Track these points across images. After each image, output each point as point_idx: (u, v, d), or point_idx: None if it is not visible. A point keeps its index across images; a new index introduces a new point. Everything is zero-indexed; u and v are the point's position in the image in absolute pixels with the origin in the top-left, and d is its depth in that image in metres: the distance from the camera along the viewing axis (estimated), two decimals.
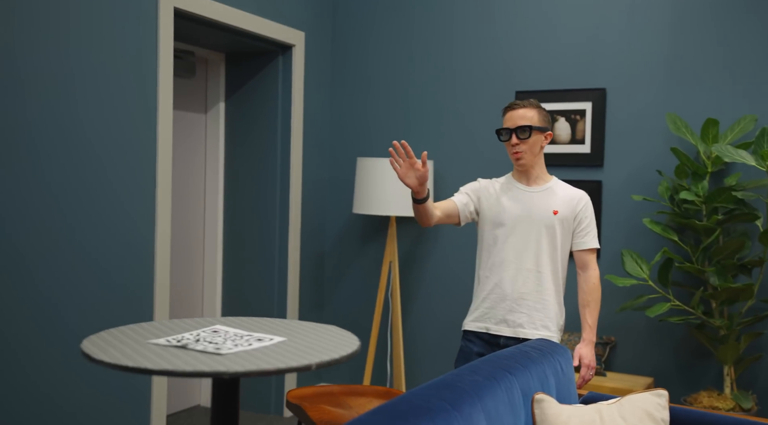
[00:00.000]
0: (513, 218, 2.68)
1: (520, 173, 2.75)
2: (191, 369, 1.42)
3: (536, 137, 2.67)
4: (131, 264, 3.34)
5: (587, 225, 2.72)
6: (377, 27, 4.51)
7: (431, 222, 2.60)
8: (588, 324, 2.72)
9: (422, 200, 2.50)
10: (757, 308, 3.56)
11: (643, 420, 2.01)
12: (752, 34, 3.58)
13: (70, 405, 3.10)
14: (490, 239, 2.73)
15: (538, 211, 2.68)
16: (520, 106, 2.68)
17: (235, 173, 4.48)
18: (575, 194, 2.73)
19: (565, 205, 2.69)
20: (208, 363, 1.46)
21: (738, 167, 3.61)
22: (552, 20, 4.02)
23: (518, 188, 2.73)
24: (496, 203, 2.72)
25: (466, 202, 2.74)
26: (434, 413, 1.57)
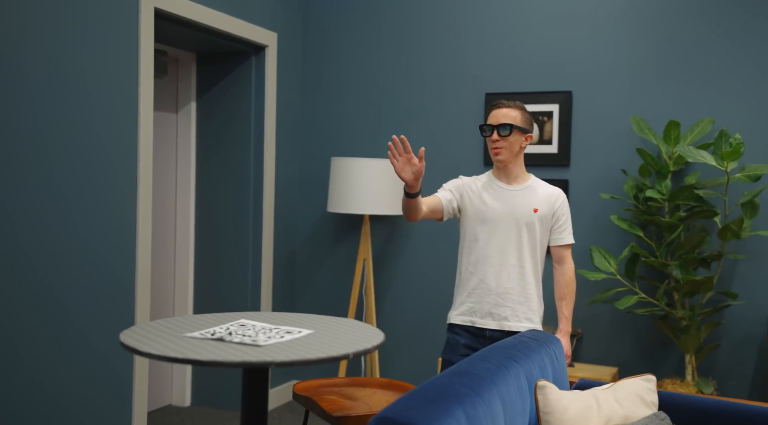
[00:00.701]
0: (496, 215, 2.79)
1: (500, 171, 2.85)
2: (240, 359, 1.48)
3: (516, 137, 2.78)
4: (112, 263, 3.34)
5: (564, 222, 2.86)
6: (349, 29, 4.59)
7: (418, 217, 2.68)
8: (564, 315, 2.86)
9: (415, 194, 2.58)
10: (715, 300, 3.79)
11: (636, 404, 2.15)
12: (709, 41, 3.80)
13: (52, 402, 3.08)
14: (472, 235, 2.83)
15: (520, 209, 2.80)
16: (505, 105, 2.80)
17: (207, 172, 4.49)
18: (553, 192, 2.86)
19: (544, 203, 2.83)
20: (252, 354, 1.52)
21: (697, 166, 3.82)
22: (520, 26, 4.17)
23: (500, 187, 2.84)
24: (479, 201, 2.82)
25: (450, 198, 2.83)
26: (461, 397, 1.67)
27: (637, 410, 2.13)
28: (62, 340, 3.11)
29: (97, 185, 3.24)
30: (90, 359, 3.26)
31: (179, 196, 4.52)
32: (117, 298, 3.37)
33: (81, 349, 3.21)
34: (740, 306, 3.75)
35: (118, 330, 3.39)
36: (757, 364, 3.73)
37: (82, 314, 3.19)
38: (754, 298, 3.72)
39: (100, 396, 3.30)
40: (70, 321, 3.13)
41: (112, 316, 3.35)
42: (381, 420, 1.48)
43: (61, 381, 3.11)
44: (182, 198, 4.52)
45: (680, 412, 2.24)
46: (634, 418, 2.12)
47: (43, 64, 2.97)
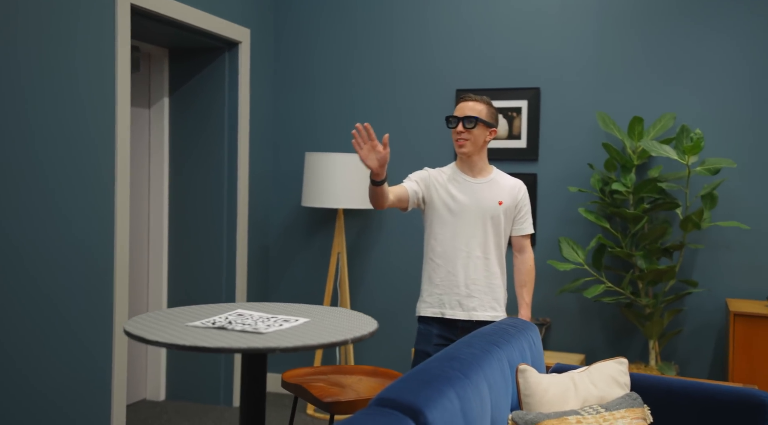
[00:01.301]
0: (461, 208, 2.86)
1: (464, 163, 2.91)
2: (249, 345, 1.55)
3: (481, 130, 2.85)
4: (91, 258, 3.36)
5: (525, 213, 2.96)
6: (321, 25, 4.65)
7: (384, 204, 2.70)
8: (525, 301, 2.97)
9: (381, 182, 2.60)
10: (677, 288, 3.96)
11: (610, 385, 2.28)
12: (671, 40, 3.96)
13: (30, 398, 3.10)
14: (439, 227, 2.88)
15: (485, 202, 2.87)
16: (472, 99, 2.87)
17: (180, 168, 4.52)
18: (515, 184, 2.95)
19: (508, 195, 2.91)
20: (256, 340, 1.60)
21: (660, 160, 3.99)
22: (488, 24, 4.29)
23: (465, 180, 2.90)
24: (445, 193, 2.88)
25: (416, 189, 2.87)
26: (452, 380, 1.77)
27: (611, 391, 2.26)
28: (41, 335, 3.13)
29: (75, 179, 3.26)
30: (68, 354, 3.28)
31: (152, 191, 4.54)
32: (95, 293, 3.39)
33: (59, 344, 3.23)
34: (700, 294, 3.93)
35: (96, 325, 3.41)
36: (715, 348, 3.91)
37: (61, 309, 3.21)
38: (713, 286, 3.90)
39: (80, 391, 3.33)
40: (49, 317, 3.15)
41: (90, 311, 3.37)
42: (382, 401, 1.57)
43: (40, 376, 3.13)
44: (155, 193, 4.53)
45: (650, 392, 2.38)
46: (609, 398, 2.24)
47: (19, 61, 2.97)
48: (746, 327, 3.48)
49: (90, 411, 3.39)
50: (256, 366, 1.77)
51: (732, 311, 3.49)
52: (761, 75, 3.83)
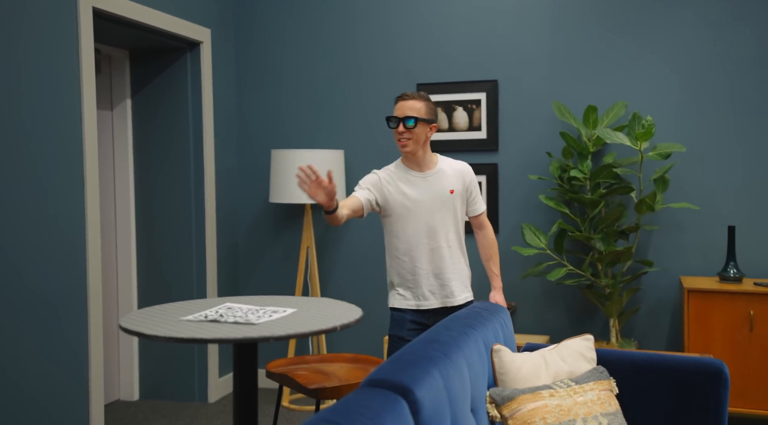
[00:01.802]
0: (416, 203, 2.93)
1: (409, 160, 2.98)
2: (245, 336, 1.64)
3: (421, 128, 2.92)
4: (63, 261, 3.39)
5: (476, 194, 3.07)
6: (281, 23, 4.71)
7: (341, 223, 2.78)
8: (495, 273, 3.11)
9: (333, 210, 2.67)
10: (634, 268, 4.15)
11: (578, 360, 2.42)
12: (621, 32, 4.13)
13: (11, 397, 3.13)
14: (397, 225, 2.96)
15: (437, 193, 2.96)
16: (409, 97, 2.93)
17: (146, 168, 4.54)
18: (461, 168, 3.04)
19: (456, 181, 3.00)
20: (250, 331, 1.68)
21: (614, 147, 4.16)
22: (448, 19, 4.41)
23: (413, 176, 2.97)
24: (397, 192, 2.94)
25: (368, 197, 2.92)
26: (435, 360, 1.88)
27: (579, 365, 2.40)
28: (18, 336, 3.15)
29: (45, 182, 3.28)
30: (45, 356, 3.30)
31: (118, 192, 4.55)
32: (69, 294, 3.42)
33: (36, 345, 3.25)
34: (655, 273, 4.12)
35: (71, 326, 3.43)
36: (671, 323, 4.12)
37: (36, 310, 3.24)
38: (667, 265, 4.10)
39: (58, 392, 3.36)
40: (25, 318, 3.17)
41: (65, 311, 3.40)
42: (374, 382, 1.68)
43: (18, 378, 3.15)
44: (121, 194, 4.55)
45: (615, 365, 2.53)
46: (578, 373, 2.38)
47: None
48: (699, 302, 3.67)
49: (69, 411, 3.42)
50: (247, 356, 1.86)
51: (686, 287, 3.68)
52: (707, 64, 4.02)
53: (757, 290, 3.59)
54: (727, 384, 2.38)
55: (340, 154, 4.37)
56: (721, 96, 4.00)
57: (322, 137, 4.66)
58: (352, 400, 1.54)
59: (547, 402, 2.17)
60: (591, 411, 2.21)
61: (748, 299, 3.61)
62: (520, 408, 2.15)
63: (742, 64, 3.97)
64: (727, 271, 3.79)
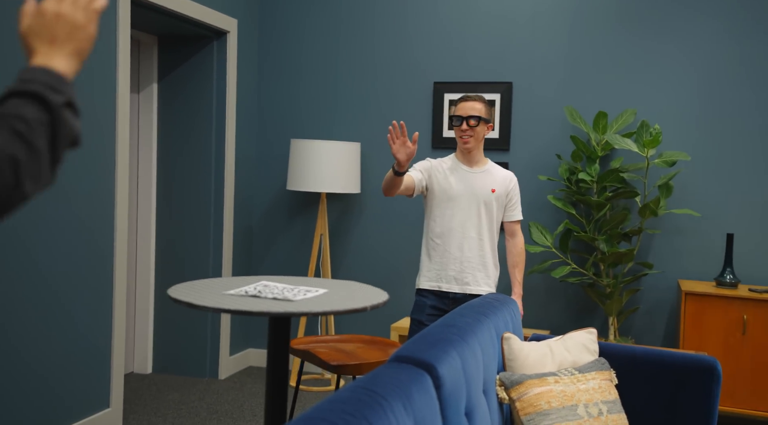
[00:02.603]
0: (459, 194, 3.20)
1: (463, 156, 3.26)
2: (286, 310, 1.81)
3: (482, 127, 3.20)
4: (93, 237, 3.56)
5: (516, 201, 3.31)
6: (305, 16, 4.86)
7: (395, 193, 3.06)
8: (518, 280, 3.31)
9: (402, 172, 2.96)
10: (635, 269, 4.32)
11: (581, 351, 2.60)
12: (633, 41, 4.29)
13: (32, 371, 3.31)
14: (438, 211, 3.23)
15: (480, 189, 3.21)
16: (471, 99, 3.20)
17: (168, 151, 4.70)
18: (507, 175, 3.29)
19: (500, 184, 3.25)
20: (291, 307, 1.85)
21: (622, 152, 4.33)
22: (465, 21, 4.56)
23: (463, 170, 3.25)
24: (445, 181, 3.22)
25: (420, 178, 3.21)
26: (453, 342, 2.06)
27: (582, 356, 2.58)
28: (43, 310, 3.32)
29: (78, 162, 3.44)
30: (70, 328, 3.48)
31: (141, 173, 4.72)
32: (96, 270, 3.59)
33: (61, 318, 3.43)
34: (655, 275, 4.30)
35: (96, 300, 3.61)
36: (667, 324, 4.29)
37: (64, 285, 3.41)
38: (666, 268, 4.27)
39: (82, 363, 3.53)
40: (53, 294, 3.35)
41: (91, 287, 3.57)
42: (400, 358, 1.85)
43: (42, 349, 3.32)
44: (144, 175, 4.71)
45: (616, 358, 2.71)
46: (581, 363, 2.56)
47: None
48: (696, 305, 3.85)
49: (92, 381, 3.59)
50: (281, 329, 2.03)
51: (684, 290, 3.85)
52: (714, 76, 4.19)
53: (752, 295, 3.76)
54: (719, 380, 2.56)
55: (357, 146, 4.53)
56: (728, 108, 4.17)
57: (340, 129, 4.82)
58: (382, 373, 1.71)
59: (552, 388, 2.35)
60: (592, 398, 2.38)
61: (743, 304, 3.78)
62: (527, 391, 2.33)
63: (750, 77, 4.13)
64: (724, 276, 3.96)
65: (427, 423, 1.67)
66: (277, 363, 2.04)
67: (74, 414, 3.48)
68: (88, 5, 1.12)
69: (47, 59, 1.08)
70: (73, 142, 1.05)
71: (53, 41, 1.09)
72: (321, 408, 1.43)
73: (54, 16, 1.09)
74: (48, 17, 1.09)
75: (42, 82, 1.03)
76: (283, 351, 2.04)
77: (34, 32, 1.09)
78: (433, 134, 4.63)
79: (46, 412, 3.30)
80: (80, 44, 1.11)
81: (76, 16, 1.10)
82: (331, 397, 1.52)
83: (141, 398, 4.26)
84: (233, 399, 4.30)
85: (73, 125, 1.05)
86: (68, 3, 1.11)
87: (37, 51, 1.09)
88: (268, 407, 2.06)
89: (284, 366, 2.08)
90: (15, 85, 1.02)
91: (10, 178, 0.96)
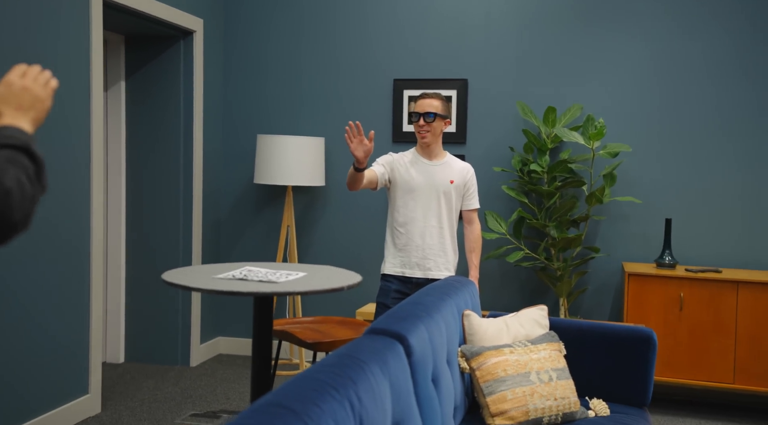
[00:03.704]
0: (420, 186, 3.45)
1: (423, 150, 3.51)
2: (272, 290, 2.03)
3: (438, 123, 3.44)
4: (68, 229, 3.71)
5: (473, 191, 3.57)
6: (269, 16, 5.05)
7: (359, 187, 3.29)
8: (474, 264, 3.58)
9: (362, 169, 3.19)
10: (582, 253, 4.64)
11: (534, 326, 2.88)
12: (579, 40, 4.60)
13: (18, 356, 3.46)
14: (401, 202, 3.47)
15: (439, 181, 3.46)
16: (429, 96, 3.43)
17: (137, 148, 4.85)
18: (465, 167, 3.55)
19: (458, 175, 3.51)
20: (276, 287, 2.06)
21: (569, 144, 4.64)
22: (423, 21, 4.81)
23: (423, 163, 3.49)
24: (407, 174, 3.46)
25: (383, 172, 3.45)
26: (421, 317, 2.31)
27: (534, 330, 2.86)
28: (24, 302, 3.47)
29: (54, 157, 3.59)
30: (50, 319, 3.63)
31: (110, 169, 4.86)
32: (73, 265, 3.74)
33: (41, 309, 3.58)
34: (601, 258, 4.62)
35: (73, 293, 3.76)
36: (613, 303, 4.62)
37: (43, 279, 3.56)
38: (612, 251, 4.60)
39: (59, 353, 3.69)
40: (33, 285, 3.50)
41: (68, 281, 3.72)
42: (375, 330, 2.09)
43: (22, 340, 3.48)
44: (113, 171, 4.85)
45: (565, 331, 2.99)
46: (533, 336, 2.84)
47: (4, 48, 3.28)
48: (638, 285, 4.18)
49: (69, 373, 3.75)
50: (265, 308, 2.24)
51: (627, 271, 4.18)
52: (655, 73, 4.52)
53: (688, 275, 4.10)
54: (655, 348, 2.86)
55: (321, 141, 4.75)
56: (665, 103, 4.50)
57: (304, 124, 5.03)
58: (360, 342, 1.95)
59: (508, 358, 2.62)
60: (543, 366, 2.66)
61: (680, 283, 4.12)
62: (486, 361, 2.59)
63: (684, 75, 4.47)
64: (663, 258, 4.30)
65: (400, 384, 1.91)
66: (263, 338, 2.25)
67: (56, 401, 3.64)
68: (47, 84, 1.38)
69: (15, 121, 1.34)
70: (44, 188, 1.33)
71: (19, 108, 1.35)
72: (312, 370, 1.67)
73: (21, 88, 1.35)
74: (15, 88, 1.35)
75: (22, 139, 1.29)
76: (267, 327, 2.26)
77: (3, 99, 1.34)
78: (393, 129, 4.88)
79: (27, 400, 3.46)
80: (39, 114, 1.38)
81: (39, 91, 1.36)
82: (320, 362, 1.76)
83: (116, 385, 4.43)
84: (206, 385, 4.50)
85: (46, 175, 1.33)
86: (31, 79, 1.37)
87: (4, 114, 1.33)
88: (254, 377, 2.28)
89: (268, 340, 2.30)
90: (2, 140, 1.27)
91: (29, 210, 1.27)
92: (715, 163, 4.45)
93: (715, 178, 4.45)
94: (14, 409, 3.36)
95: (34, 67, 1.41)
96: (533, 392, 2.56)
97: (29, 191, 1.25)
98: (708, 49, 4.43)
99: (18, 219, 1.23)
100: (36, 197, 1.28)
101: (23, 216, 1.24)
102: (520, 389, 2.55)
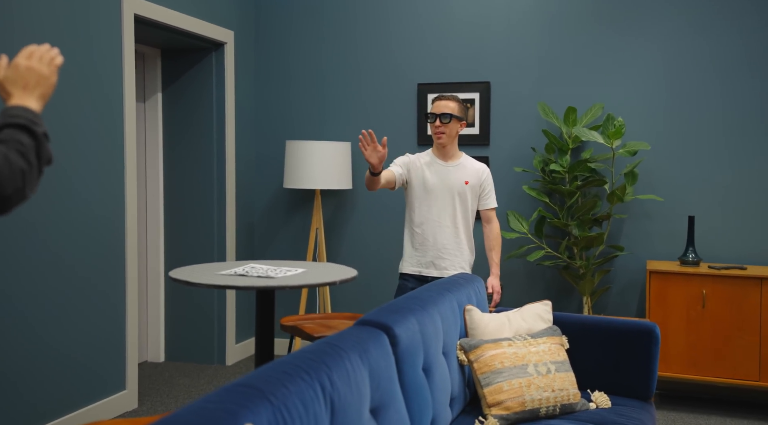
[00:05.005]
0: (435, 187, 3.54)
1: (439, 151, 3.60)
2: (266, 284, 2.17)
3: (454, 124, 3.53)
4: (103, 234, 3.94)
5: (489, 191, 3.64)
6: (296, 27, 5.23)
7: (377, 188, 3.40)
8: (494, 262, 3.65)
9: (378, 173, 3.28)
10: (605, 252, 4.66)
11: (536, 320, 2.94)
12: (600, 40, 4.63)
13: (53, 358, 3.69)
14: (416, 203, 3.57)
15: (454, 182, 3.55)
16: (445, 98, 3.53)
17: (173, 155, 5.08)
18: (480, 167, 3.63)
19: (473, 176, 3.59)
20: (272, 282, 2.20)
21: (590, 144, 4.67)
22: (445, 25, 4.91)
23: (439, 164, 3.59)
24: (422, 175, 3.56)
25: (401, 173, 3.56)
26: (414, 310, 2.41)
27: (537, 324, 2.92)
28: (63, 302, 3.70)
29: (92, 164, 3.82)
30: (86, 319, 3.86)
31: (149, 177, 5.10)
32: (108, 267, 3.97)
33: (78, 309, 3.81)
34: (625, 256, 4.63)
35: (110, 293, 3.99)
36: (639, 301, 4.63)
37: (81, 279, 3.79)
38: (635, 249, 4.61)
39: (98, 352, 3.91)
40: (69, 285, 3.73)
41: (105, 278, 3.95)
42: (363, 322, 2.21)
43: (62, 339, 3.71)
44: (152, 179, 5.09)
45: (569, 326, 3.05)
46: (535, 330, 2.91)
47: None
48: (660, 282, 4.18)
49: (108, 369, 3.97)
50: (267, 302, 2.39)
51: (648, 269, 4.19)
52: (673, 71, 4.52)
53: (710, 272, 4.09)
54: (658, 342, 2.90)
55: (347, 146, 4.89)
56: (685, 100, 4.50)
57: (331, 130, 5.18)
58: (346, 333, 2.07)
59: (506, 350, 2.70)
60: (542, 359, 2.73)
61: (702, 280, 4.11)
62: (484, 353, 2.68)
63: (703, 72, 4.45)
64: (687, 256, 4.29)
65: (381, 372, 2.02)
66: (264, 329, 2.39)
67: (95, 395, 3.86)
68: (51, 62, 1.53)
69: (22, 101, 1.49)
70: (48, 161, 1.45)
71: (26, 87, 1.49)
72: (291, 356, 1.80)
73: (26, 69, 1.50)
74: (21, 69, 1.50)
75: (25, 117, 1.43)
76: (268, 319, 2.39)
77: (10, 80, 1.50)
78: (419, 132, 4.98)
79: (69, 393, 3.68)
80: (45, 90, 1.52)
81: (43, 69, 1.51)
82: (300, 349, 1.88)
83: (154, 383, 4.65)
84: None
85: (48, 148, 1.45)
86: (36, 59, 1.52)
87: (13, 94, 1.49)
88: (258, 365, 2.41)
89: (270, 332, 2.43)
90: (5, 120, 1.42)
91: (20, 183, 1.37)
92: (737, 159, 4.42)
93: (738, 174, 4.42)
94: (56, 401, 3.59)
95: (41, 46, 1.55)
96: (530, 383, 2.63)
97: (19, 165, 1.37)
98: (725, 46, 4.41)
99: (9, 193, 1.36)
100: (31, 171, 1.39)
101: (14, 190, 1.36)
102: (516, 380, 2.63)
